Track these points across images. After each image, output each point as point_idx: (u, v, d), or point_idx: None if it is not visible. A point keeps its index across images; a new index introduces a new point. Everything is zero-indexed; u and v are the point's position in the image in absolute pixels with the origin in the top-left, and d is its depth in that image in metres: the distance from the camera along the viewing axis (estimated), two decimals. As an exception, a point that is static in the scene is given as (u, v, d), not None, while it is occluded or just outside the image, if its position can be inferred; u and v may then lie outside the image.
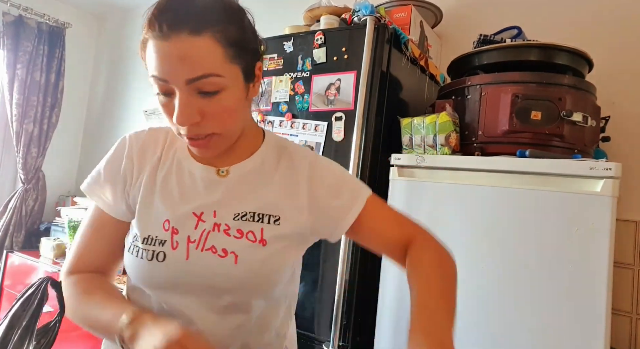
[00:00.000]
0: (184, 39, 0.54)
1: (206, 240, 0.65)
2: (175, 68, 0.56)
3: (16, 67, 2.85)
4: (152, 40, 0.56)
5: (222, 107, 0.60)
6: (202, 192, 0.68)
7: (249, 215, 0.67)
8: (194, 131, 0.60)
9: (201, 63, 0.56)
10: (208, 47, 0.56)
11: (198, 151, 0.64)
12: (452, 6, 1.89)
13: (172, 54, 0.55)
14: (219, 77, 0.57)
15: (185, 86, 0.56)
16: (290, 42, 1.52)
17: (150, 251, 0.64)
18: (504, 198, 1.11)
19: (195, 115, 0.58)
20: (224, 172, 0.69)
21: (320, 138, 1.41)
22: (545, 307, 1.02)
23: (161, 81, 0.57)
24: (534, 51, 1.27)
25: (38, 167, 3.00)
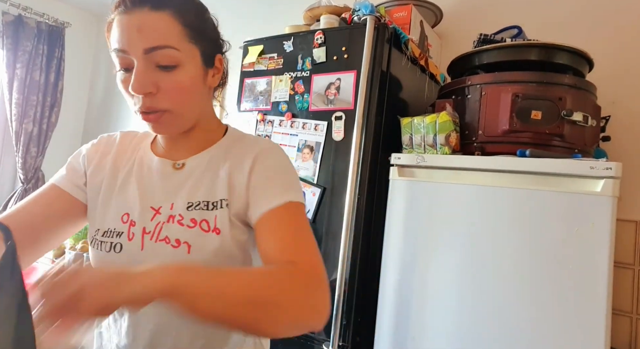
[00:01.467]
0: (145, 12, 0.60)
1: (160, 231, 0.66)
2: (134, 38, 0.60)
3: (16, 67, 2.85)
4: (117, 17, 0.62)
5: (177, 83, 0.62)
6: (159, 185, 0.70)
7: (202, 203, 0.67)
8: (148, 103, 0.62)
9: (158, 35, 0.60)
10: (166, 22, 0.61)
11: (151, 127, 0.65)
12: (452, 6, 1.88)
13: (132, 25, 0.60)
14: (175, 51, 0.61)
15: (143, 56, 0.60)
16: (290, 41, 1.52)
17: (109, 242, 0.66)
18: (504, 198, 1.11)
19: (149, 85, 0.60)
20: (179, 165, 0.71)
21: (320, 138, 1.41)
22: (545, 307, 1.02)
23: (121, 52, 0.61)
24: (534, 51, 1.27)
25: (37, 166, 3.00)
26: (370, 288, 1.32)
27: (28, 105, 2.90)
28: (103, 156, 0.74)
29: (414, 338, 1.19)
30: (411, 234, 1.24)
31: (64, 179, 0.73)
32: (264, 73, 1.58)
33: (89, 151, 0.75)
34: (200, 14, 0.67)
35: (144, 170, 0.72)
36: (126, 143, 0.76)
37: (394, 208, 1.28)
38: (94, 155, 0.75)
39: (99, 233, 0.68)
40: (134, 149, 0.75)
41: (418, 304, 1.20)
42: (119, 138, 0.78)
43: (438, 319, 1.16)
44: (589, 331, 0.97)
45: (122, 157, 0.74)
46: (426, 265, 1.20)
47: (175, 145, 0.73)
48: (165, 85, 0.61)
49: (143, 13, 0.60)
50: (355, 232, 1.30)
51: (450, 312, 1.14)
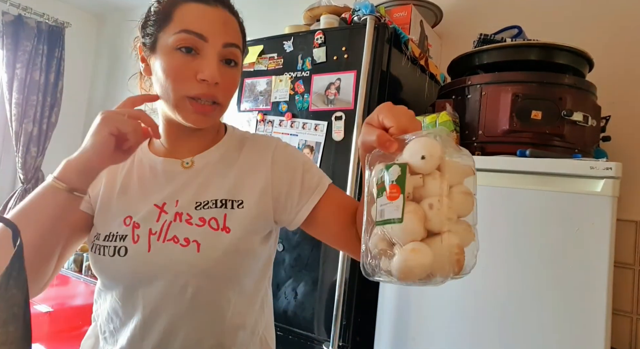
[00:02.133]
0: (225, 12, 0.66)
1: (167, 231, 0.65)
2: (219, 30, 0.64)
3: (15, 67, 2.85)
4: (195, 4, 0.64)
5: (233, 80, 0.67)
6: (164, 184, 0.69)
7: (211, 202, 0.67)
8: (209, 92, 0.64)
9: (235, 34, 0.67)
10: (237, 25, 0.69)
11: (196, 117, 0.65)
12: (452, 5, 1.88)
13: (218, 18, 0.64)
14: (240, 51, 0.68)
15: (221, 48, 0.64)
16: (290, 41, 1.52)
17: (112, 247, 0.65)
18: (504, 198, 1.11)
19: (219, 76, 0.63)
20: (188, 163, 0.71)
21: (320, 138, 1.41)
22: (545, 307, 1.02)
23: (198, 36, 0.62)
24: (534, 51, 1.27)
25: (37, 166, 3.00)
26: (370, 288, 1.32)
27: (28, 105, 2.90)
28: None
29: (414, 338, 1.19)
30: (411, 234, 1.24)
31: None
32: (264, 74, 1.58)
33: None
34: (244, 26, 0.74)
35: (146, 171, 0.71)
36: None
37: (394, 208, 1.28)
38: None
39: (100, 237, 0.67)
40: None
41: (418, 304, 1.20)
42: None
43: (438, 319, 1.16)
44: (589, 331, 0.97)
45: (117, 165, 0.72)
46: (426, 265, 1.20)
47: (179, 143, 0.72)
48: (225, 79, 0.65)
49: (224, 12, 0.66)
50: (355, 232, 1.29)
51: (450, 312, 1.14)
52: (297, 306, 1.38)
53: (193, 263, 0.64)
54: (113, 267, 0.65)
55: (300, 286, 1.38)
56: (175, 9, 0.64)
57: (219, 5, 0.65)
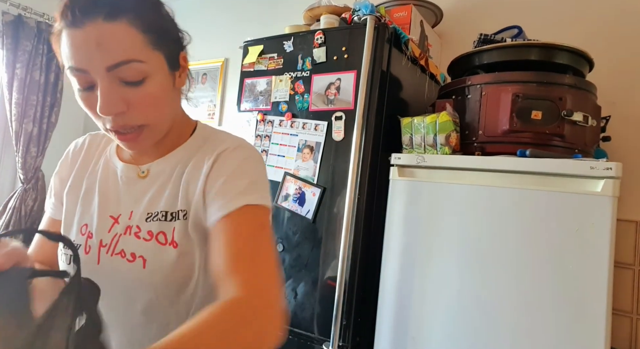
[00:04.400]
0: (100, 25, 0.52)
1: (117, 244, 0.63)
2: (94, 56, 0.53)
3: (15, 67, 2.85)
4: (66, 30, 0.53)
5: (148, 96, 0.57)
6: (123, 193, 0.66)
7: (161, 214, 0.63)
8: (121, 122, 0.56)
9: (120, 49, 0.53)
10: (125, 32, 0.54)
11: (128, 145, 0.61)
12: (452, 5, 1.88)
13: (89, 41, 0.52)
14: (141, 63, 0.55)
15: (107, 74, 0.54)
16: (290, 41, 1.52)
17: (68, 255, 0.63)
18: (504, 198, 1.11)
19: (119, 104, 0.55)
20: (144, 172, 0.66)
21: (320, 138, 1.41)
22: (546, 307, 1.02)
23: (80, 72, 0.54)
24: (534, 51, 1.26)
25: (37, 166, 3.00)
26: (370, 288, 1.32)
27: (28, 105, 2.90)
28: (70, 168, 0.72)
29: (414, 338, 1.19)
30: (411, 234, 1.24)
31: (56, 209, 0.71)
32: (264, 74, 1.58)
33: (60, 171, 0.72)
34: (158, 13, 0.60)
35: (109, 176, 0.68)
36: (93, 148, 0.72)
37: (394, 208, 1.28)
38: (65, 173, 0.72)
39: (61, 245, 0.65)
40: (100, 154, 0.71)
41: (418, 305, 1.20)
42: (87, 144, 0.73)
43: (438, 319, 1.16)
44: (589, 331, 0.97)
45: (87, 164, 0.71)
46: (426, 265, 1.20)
47: None
48: (135, 100, 0.56)
49: (97, 25, 0.52)
50: (355, 232, 1.29)
51: (450, 312, 1.14)
52: (297, 306, 1.38)
53: (140, 278, 0.61)
54: None
55: (300, 286, 1.38)
56: (59, 39, 0.55)
57: (86, 22, 0.52)
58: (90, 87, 0.55)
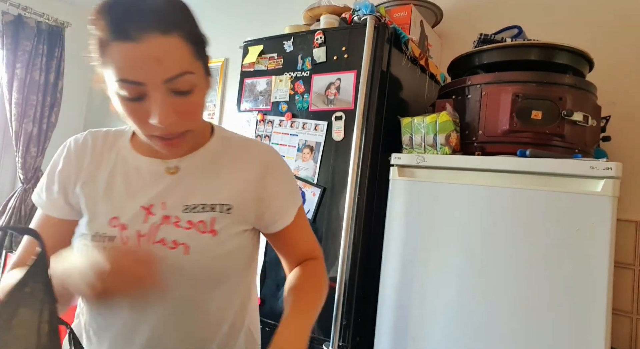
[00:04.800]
0: (156, 39, 0.54)
1: (156, 233, 0.65)
2: (152, 70, 0.55)
3: (15, 67, 2.85)
4: (120, 44, 0.54)
5: (195, 105, 0.61)
6: (150, 185, 0.68)
7: (199, 206, 0.67)
8: (170, 130, 0.59)
9: (176, 62, 0.56)
10: (179, 46, 0.56)
11: (169, 150, 0.63)
12: (452, 5, 1.88)
13: (148, 56, 0.54)
14: (192, 75, 0.58)
15: (163, 86, 0.56)
16: (290, 41, 1.52)
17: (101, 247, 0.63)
18: (504, 198, 1.11)
19: (173, 115, 0.58)
20: (172, 169, 0.69)
21: (320, 138, 1.41)
22: (546, 307, 1.02)
23: (135, 84, 0.55)
24: (534, 51, 1.26)
25: (37, 166, 3.00)
26: (370, 288, 1.32)
27: (28, 105, 2.90)
28: (78, 164, 0.70)
29: (414, 338, 1.19)
30: (411, 234, 1.24)
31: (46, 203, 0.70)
32: (264, 73, 1.58)
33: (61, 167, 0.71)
34: (196, 21, 0.62)
35: (129, 171, 0.69)
36: (99, 144, 0.72)
37: (394, 208, 1.28)
38: (67, 169, 0.70)
39: (87, 238, 0.65)
40: (110, 149, 0.72)
41: (418, 305, 1.20)
42: (91, 140, 0.73)
43: (438, 319, 1.16)
44: (589, 331, 0.97)
45: (99, 159, 0.71)
46: (426, 264, 1.20)
47: None
48: (183, 108, 0.59)
49: (154, 40, 0.54)
50: (355, 232, 1.29)
51: (450, 312, 1.14)
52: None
53: (181, 265, 0.64)
54: None
55: (300, 286, 1.38)
56: (106, 51, 0.55)
57: (145, 36, 0.53)
58: (140, 98, 0.57)
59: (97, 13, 0.55)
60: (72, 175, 0.70)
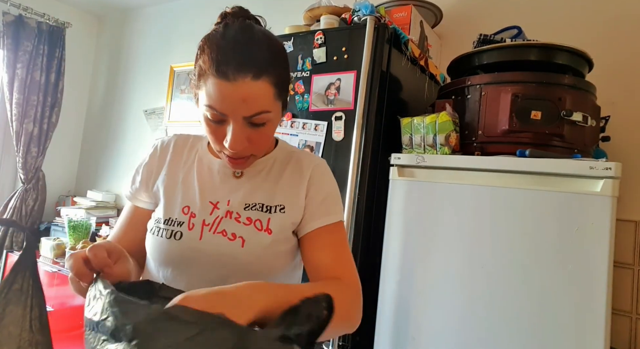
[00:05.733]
0: (247, 82, 0.62)
1: (219, 224, 0.73)
2: (237, 107, 0.63)
3: (16, 67, 2.85)
4: (216, 80, 0.63)
5: (266, 136, 0.70)
6: (218, 185, 0.77)
7: (258, 205, 0.75)
8: (241, 153, 0.69)
9: (258, 104, 0.64)
10: (265, 89, 0.64)
11: (233, 167, 0.74)
12: (452, 6, 1.89)
13: (236, 95, 0.63)
14: (269, 113, 0.67)
15: (241, 120, 0.65)
16: (290, 41, 1.52)
17: (170, 230, 0.73)
18: (504, 198, 1.11)
19: (245, 142, 0.67)
20: (239, 174, 0.78)
21: (320, 138, 1.41)
22: (545, 307, 1.02)
23: (220, 114, 0.64)
24: (534, 51, 1.27)
25: (38, 166, 3.00)
26: (370, 288, 1.32)
27: (28, 105, 2.91)
28: (161, 160, 0.82)
29: (414, 338, 1.19)
30: (411, 234, 1.24)
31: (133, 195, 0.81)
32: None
33: (148, 162, 0.82)
34: (286, 66, 0.70)
35: (204, 169, 0.79)
36: (180, 145, 0.83)
37: (394, 208, 1.28)
38: (153, 163, 0.82)
39: (161, 221, 0.75)
40: (190, 150, 0.82)
41: (418, 304, 1.20)
42: (174, 142, 0.84)
43: (438, 319, 1.16)
44: (589, 331, 0.97)
45: (180, 157, 0.82)
46: (426, 265, 1.20)
47: None
48: (255, 138, 0.68)
49: (246, 83, 0.62)
50: (355, 232, 1.30)
51: (450, 312, 1.15)
52: (297, 306, 1.38)
53: (237, 256, 0.71)
54: (166, 248, 0.72)
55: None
56: (204, 79, 0.65)
57: (239, 78, 0.62)
58: (221, 122, 0.66)
59: (206, 47, 0.65)
60: (154, 168, 0.81)
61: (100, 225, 2.70)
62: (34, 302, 0.50)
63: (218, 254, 0.71)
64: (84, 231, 2.49)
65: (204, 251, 0.71)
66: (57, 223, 2.84)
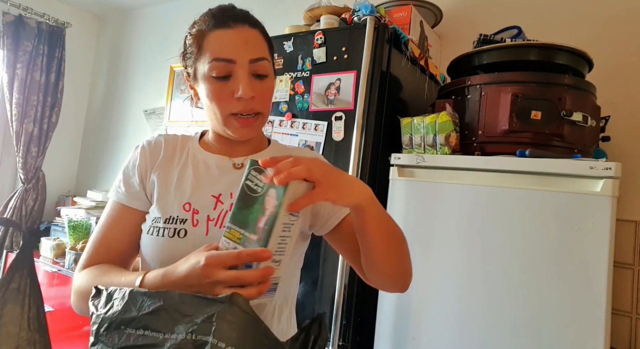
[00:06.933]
0: (246, 29, 0.71)
1: (224, 219, 0.72)
2: (243, 49, 0.69)
3: (16, 67, 2.85)
4: (217, 30, 0.70)
5: (268, 89, 0.74)
6: (218, 177, 0.76)
7: None
8: (249, 106, 0.70)
9: (259, 48, 0.72)
10: (260, 38, 0.73)
11: (242, 130, 0.73)
12: (452, 6, 1.89)
13: (239, 38, 0.69)
14: (268, 62, 0.73)
15: (248, 65, 0.69)
16: (290, 41, 1.52)
17: (172, 228, 0.71)
18: (504, 198, 1.11)
19: (254, 90, 0.70)
20: (239, 164, 0.78)
21: (320, 138, 1.41)
22: (545, 307, 1.02)
23: (226, 61, 0.69)
24: (534, 51, 1.27)
25: (38, 166, 3.00)
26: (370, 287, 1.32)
27: (28, 105, 2.91)
28: (153, 160, 0.79)
29: (414, 338, 1.19)
30: (411, 234, 1.24)
31: (125, 196, 0.77)
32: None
33: (140, 161, 0.80)
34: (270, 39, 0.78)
35: (200, 165, 0.78)
36: (170, 143, 0.82)
37: (394, 208, 1.28)
38: (144, 162, 0.79)
39: (160, 221, 0.72)
40: (182, 149, 0.81)
41: (418, 304, 1.20)
42: (164, 141, 0.82)
43: (438, 319, 1.16)
44: (589, 331, 0.97)
45: (172, 156, 0.80)
46: (426, 264, 1.20)
47: (231, 145, 0.79)
48: (260, 91, 0.71)
49: (245, 29, 0.70)
50: (355, 232, 1.29)
51: (450, 312, 1.15)
52: (297, 306, 1.38)
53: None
54: (171, 247, 0.70)
55: (300, 286, 1.38)
56: (204, 40, 0.71)
57: (238, 25, 0.70)
58: (226, 77, 0.70)
59: (203, 15, 0.73)
60: (148, 167, 0.79)
61: (100, 225, 2.69)
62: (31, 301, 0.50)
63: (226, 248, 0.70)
64: (84, 231, 2.49)
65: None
66: (57, 223, 2.84)
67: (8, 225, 0.70)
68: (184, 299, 0.48)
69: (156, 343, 0.44)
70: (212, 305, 0.47)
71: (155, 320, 0.46)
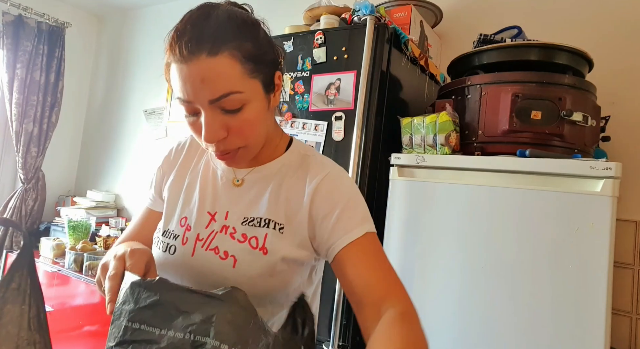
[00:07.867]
0: (203, 60, 0.56)
1: (212, 240, 0.68)
2: (198, 90, 0.57)
3: (16, 67, 2.85)
4: (174, 64, 0.58)
5: (246, 122, 0.61)
6: (219, 193, 0.72)
7: (257, 220, 0.68)
8: (222, 147, 0.62)
9: (221, 84, 0.57)
10: (226, 66, 0.57)
11: (226, 163, 0.67)
12: (452, 6, 1.88)
13: (193, 76, 0.57)
14: (240, 94, 0.59)
15: (209, 106, 0.58)
16: (290, 41, 1.52)
17: (166, 243, 0.70)
18: (504, 198, 1.11)
19: (220, 132, 0.60)
20: (239, 181, 0.72)
21: (320, 138, 1.41)
22: (545, 307, 1.02)
23: (186, 102, 0.59)
24: (534, 51, 1.27)
25: (38, 166, 3.00)
26: (370, 288, 1.32)
27: (28, 105, 2.90)
28: (173, 163, 0.78)
29: (414, 338, 1.19)
30: (411, 234, 1.24)
31: (154, 200, 0.80)
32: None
33: (163, 165, 0.80)
34: (256, 40, 0.61)
35: (209, 175, 0.75)
36: (194, 148, 0.79)
37: (394, 208, 1.28)
38: (165, 166, 0.80)
39: (160, 232, 0.73)
40: (202, 154, 0.78)
41: (418, 305, 1.19)
42: (188, 143, 0.80)
43: (438, 319, 1.16)
44: (589, 331, 0.97)
45: (191, 160, 0.77)
46: (426, 265, 1.20)
47: None
48: (234, 126, 0.60)
49: (200, 61, 0.56)
50: (355, 232, 1.29)
51: (450, 312, 1.15)
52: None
53: (227, 276, 0.65)
54: (161, 261, 0.70)
55: (300, 286, 1.38)
56: (169, 72, 0.61)
57: (193, 58, 0.56)
58: (196, 114, 0.61)
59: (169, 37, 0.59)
60: (167, 171, 0.78)
61: (100, 225, 2.70)
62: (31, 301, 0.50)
63: (209, 272, 0.66)
64: (83, 231, 2.49)
65: (195, 268, 0.67)
66: (57, 223, 2.84)
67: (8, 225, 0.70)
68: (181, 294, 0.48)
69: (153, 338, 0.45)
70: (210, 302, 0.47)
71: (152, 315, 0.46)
